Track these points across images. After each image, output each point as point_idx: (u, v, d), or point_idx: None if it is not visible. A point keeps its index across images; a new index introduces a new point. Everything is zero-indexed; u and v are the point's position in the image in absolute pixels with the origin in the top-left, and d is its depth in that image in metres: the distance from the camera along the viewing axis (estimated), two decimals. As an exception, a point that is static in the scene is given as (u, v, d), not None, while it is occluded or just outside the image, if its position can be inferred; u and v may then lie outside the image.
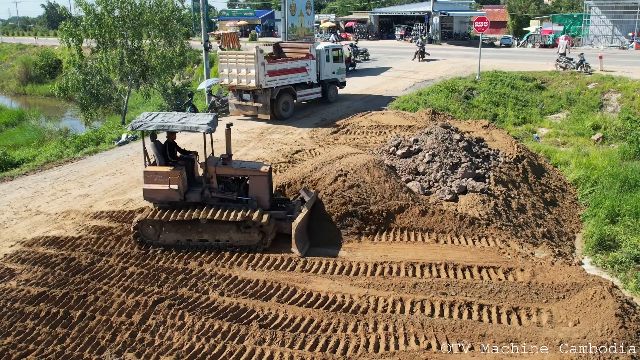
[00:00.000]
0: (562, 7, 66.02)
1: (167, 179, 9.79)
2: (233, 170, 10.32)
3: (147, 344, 7.17)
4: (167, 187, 9.81)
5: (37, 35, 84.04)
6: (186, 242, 9.93)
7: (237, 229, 9.79)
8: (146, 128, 9.76)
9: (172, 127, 9.75)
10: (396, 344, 7.04)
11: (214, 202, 10.08)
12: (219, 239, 9.89)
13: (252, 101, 19.96)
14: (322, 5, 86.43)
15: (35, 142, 22.86)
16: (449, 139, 13.51)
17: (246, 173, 10.36)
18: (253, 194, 10.26)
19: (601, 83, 25.02)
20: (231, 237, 9.84)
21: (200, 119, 9.98)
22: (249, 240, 9.83)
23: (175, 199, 9.90)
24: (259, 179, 10.26)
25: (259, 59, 18.81)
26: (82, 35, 24.00)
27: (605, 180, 14.81)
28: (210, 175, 10.12)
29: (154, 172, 9.89)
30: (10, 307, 8.09)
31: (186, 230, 9.88)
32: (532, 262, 9.18)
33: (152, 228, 9.92)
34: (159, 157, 10.16)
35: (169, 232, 9.91)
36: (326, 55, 22.17)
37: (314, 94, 22.04)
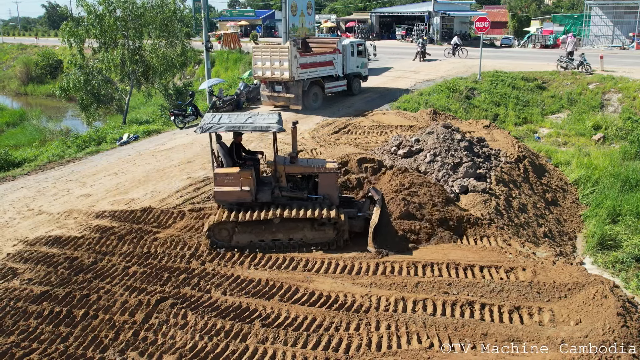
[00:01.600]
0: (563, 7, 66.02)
1: (239, 181, 9.74)
2: (302, 168, 10.27)
3: (150, 342, 7.19)
4: (239, 189, 9.76)
5: (37, 36, 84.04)
6: (259, 242, 9.86)
7: (311, 227, 9.77)
8: (216, 130, 9.69)
9: (243, 128, 9.72)
10: (398, 342, 7.06)
11: (284, 201, 10.02)
12: (293, 238, 9.85)
13: (284, 92, 21.20)
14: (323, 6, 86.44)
15: (37, 142, 22.86)
16: (450, 139, 13.53)
17: (315, 171, 10.28)
18: (323, 191, 10.19)
19: (602, 83, 25.02)
20: (305, 236, 9.83)
21: (266, 118, 9.95)
22: (324, 237, 9.82)
23: (247, 200, 9.85)
24: (329, 176, 10.20)
25: (293, 52, 19.96)
26: (84, 36, 24.01)
27: (606, 180, 14.82)
28: (280, 175, 10.07)
29: (225, 174, 9.81)
30: (14, 306, 8.12)
31: (260, 230, 9.82)
32: (533, 261, 9.20)
33: (225, 230, 9.85)
34: (226, 158, 10.09)
35: (242, 233, 9.83)
36: (351, 50, 23.33)
37: (340, 86, 23.35)
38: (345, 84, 23.58)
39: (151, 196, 12.78)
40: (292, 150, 10.29)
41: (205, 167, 14.74)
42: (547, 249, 10.35)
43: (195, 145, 17.48)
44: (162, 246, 10.00)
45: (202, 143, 17.65)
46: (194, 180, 13.66)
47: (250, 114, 10.25)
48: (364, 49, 24.43)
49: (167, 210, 11.60)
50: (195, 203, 12.18)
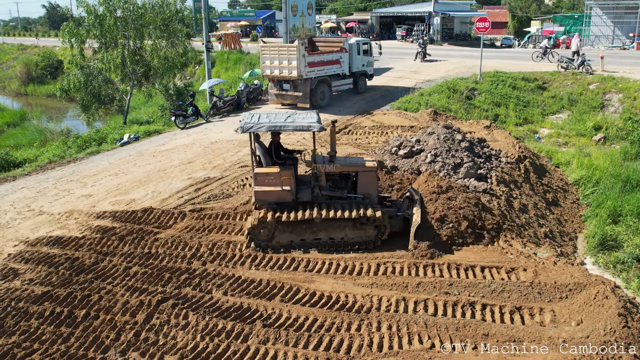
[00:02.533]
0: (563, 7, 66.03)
1: (279, 180, 9.72)
2: (342, 167, 10.23)
3: (152, 343, 7.19)
4: (280, 188, 9.74)
5: (38, 36, 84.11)
6: (300, 242, 9.86)
7: (352, 226, 9.76)
8: (257, 129, 9.64)
9: (284, 128, 9.68)
10: (400, 343, 7.06)
11: (323, 200, 10.00)
12: (334, 237, 9.83)
13: (292, 91, 21.54)
14: (323, 6, 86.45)
15: (38, 143, 22.83)
16: (451, 139, 13.52)
17: (355, 169, 10.25)
18: (362, 190, 10.16)
19: (602, 83, 25.02)
20: (346, 235, 9.82)
21: (305, 117, 9.93)
22: (365, 236, 9.82)
23: (287, 199, 9.84)
24: (369, 174, 10.18)
25: (301, 51, 20.28)
26: (84, 36, 24.01)
27: (607, 181, 14.81)
28: (320, 174, 10.04)
29: (265, 174, 9.78)
30: (15, 306, 8.12)
31: (301, 230, 9.81)
32: (534, 261, 9.20)
33: (266, 230, 9.82)
34: (266, 157, 10.06)
35: (283, 233, 9.83)
36: (357, 49, 23.66)
37: (346, 84, 23.75)
38: (351, 82, 23.90)
39: (152, 196, 12.78)
40: (331, 149, 10.22)
41: (206, 168, 14.75)
42: (548, 250, 10.34)
43: (196, 145, 17.49)
44: (163, 247, 10.00)
45: (202, 143, 17.66)
46: (195, 181, 13.67)
47: (289, 113, 10.24)
48: (369, 47, 24.71)
49: (168, 211, 11.60)
50: (196, 203, 12.18)
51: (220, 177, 13.89)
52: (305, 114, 10.21)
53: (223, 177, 13.88)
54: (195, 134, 19.46)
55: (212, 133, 19.28)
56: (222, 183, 13.44)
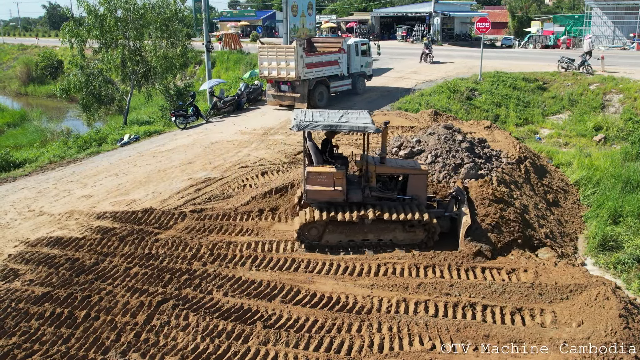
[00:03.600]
0: (563, 7, 66.00)
1: (332, 180, 9.67)
2: (393, 169, 10.21)
3: (152, 344, 7.18)
4: (332, 188, 9.69)
5: (38, 36, 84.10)
6: (348, 242, 9.83)
7: (402, 229, 9.74)
8: (313, 128, 9.58)
9: (340, 128, 9.62)
10: (400, 344, 7.06)
11: (373, 201, 9.96)
12: (382, 239, 9.81)
13: (290, 92, 21.50)
14: (324, 6, 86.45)
15: (38, 143, 22.83)
16: (452, 140, 13.51)
17: (406, 172, 10.21)
18: (412, 192, 10.12)
19: (603, 84, 25.02)
20: (395, 237, 9.80)
21: (359, 117, 9.90)
22: (414, 239, 9.80)
23: (339, 199, 9.79)
24: (420, 177, 10.14)
25: (299, 52, 20.24)
26: (85, 36, 24.01)
27: (608, 181, 14.80)
28: (371, 175, 9.99)
29: (318, 173, 9.73)
30: (15, 307, 8.11)
31: (350, 230, 9.78)
32: (535, 262, 9.19)
33: (315, 230, 9.80)
34: (317, 156, 10.02)
35: (333, 233, 9.80)
36: (355, 50, 23.64)
37: (344, 85, 23.67)
38: (350, 83, 23.83)
39: (152, 197, 12.78)
40: (382, 151, 10.19)
41: (206, 168, 14.74)
42: (548, 250, 10.33)
43: (196, 145, 17.48)
44: (164, 247, 9.99)
45: (202, 144, 17.66)
46: (195, 181, 13.66)
47: (342, 113, 10.20)
48: (368, 48, 24.67)
49: (168, 211, 11.59)
50: (197, 204, 12.17)
51: (220, 177, 13.88)
52: (357, 113, 10.18)
53: (223, 177, 13.87)
54: (195, 134, 19.45)
55: (213, 133, 19.28)
56: (223, 184, 13.43)
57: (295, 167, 14.06)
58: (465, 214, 9.84)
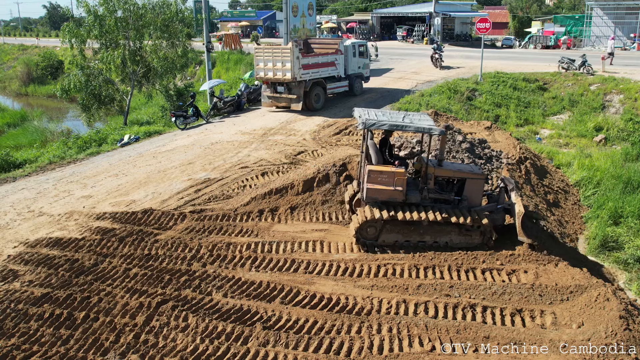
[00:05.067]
0: (564, 8, 65.97)
1: (393, 180, 9.65)
2: (451, 172, 10.18)
3: (151, 345, 7.17)
4: (392, 188, 9.67)
5: (38, 36, 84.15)
6: (405, 242, 9.84)
7: (458, 232, 9.74)
8: (379, 127, 9.61)
9: (405, 128, 9.63)
10: (400, 345, 7.04)
11: (430, 203, 9.98)
12: (438, 241, 9.81)
13: (286, 93, 21.30)
14: (324, 6, 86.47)
15: (38, 143, 22.82)
16: (452, 140, 13.51)
17: (464, 176, 10.17)
18: (469, 195, 10.08)
19: (603, 84, 25.00)
20: (451, 239, 9.79)
21: (421, 119, 9.94)
22: (469, 242, 9.78)
23: (398, 199, 9.77)
24: (477, 182, 10.11)
25: (295, 53, 20.06)
26: (85, 36, 24.01)
27: (608, 182, 14.80)
28: (430, 177, 9.97)
29: (379, 172, 9.71)
30: (14, 308, 8.09)
31: (408, 231, 9.78)
32: (535, 263, 9.16)
33: (373, 228, 9.80)
34: (377, 155, 10.01)
35: (390, 232, 9.80)
36: (353, 51, 23.46)
37: (342, 87, 23.48)
38: (347, 85, 23.65)
39: (152, 197, 12.76)
40: (440, 154, 10.19)
41: (206, 169, 14.73)
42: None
43: (196, 146, 17.47)
44: (163, 248, 9.97)
45: (202, 144, 17.64)
46: (195, 182, 13.64)
47: (403, 114, 10.22)
48: (365, 49, 24.52)
49: (168, 212, 11.57)
50: (196, 205, 12.15)
51: (220, 178, 13.86)
52: (419, 115, 10.23)
53: (223, 178, 13.85)
54: (195, 134, 19.44)
55: (213, 134, 19.27)
56: (223, 184, 13.41)
57: (296, 167, 14.05)
58: (515, 202, 9.81)
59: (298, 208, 11.57)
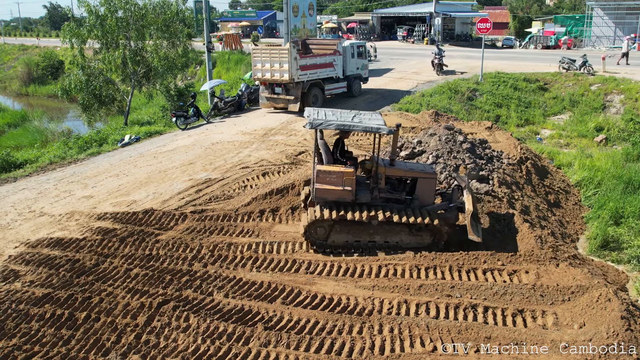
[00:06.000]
0: (564, 8, 65.94)
1: (342, 180, 9.55)
2: (402, 171, 10.11)
3: (152, 345, 7.16)
4: (341, 188, 9.58)
5: (39, 36, 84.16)
6: (355, 243, 9.79)
7: (409, 232, 9.68)
8: (326, 127, 9.50)
9: (353, 127, 9.53)
10: (401, 346, 7.03)
11: (381, 202, 9.90)
12: (389, 241, 9.76)
13: (284, 94, 21.17)
14: (324, 7, 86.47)
15: (38, 143, 22.82)
16: (453, 141, 13.50)
17: (415, 175, 10.11)
18: (421, 195, 10.00)
19: (604, 84, 24.99)
20: (402, 239, 9.73)
21: (372, 119, 9.85)
22: (420, 242, 9.72)
23: (347, 199, 9.69)
24: (429, 181, 10.03)
25: (292, 54, 19.98)
26: (85, 36, 24.02)
27: (609, 182, 14.79)
28: (381, 177, 9.90)
29: (328, 172, 9.62)
30: (15, 308, 8.09)
31: (357, 231, 9.72)
32: (536, 263, 9.15)
33: (322, 229, 9.75)
34: (328, 155, 9.95)
35: (339, 232, 9.75)
36: (351, 52, 23.34)
37: (340, 88, 23.37)
38: (345, 86, 23.54)
39: (153, 198, 12.77)
40: (392, 153, 10.15)
41: (207, 169, 14.73)
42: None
43: (197, 146, 17.47)
44: (164, 248, 9.96)
45: (203, 144, 17.64)
46: (196, 182, 13.65)
47: (354, 113, 10.13)
48: (364, 50, 24.45)
49: (169, 212, 11.57)
50: (197, 205, 12.15)
51: (221, 178, 13.87)
52: (370, 115, 10.12)
53: (224, 178, 13.85)
54: (196, 134, 19.44)
55: (213, 134, 19.27)
56: (223, 184, 13.42)
57: (297, 167, 14.05)
58: (465, 201, 9.75)
59: (299, 208, 11.56)
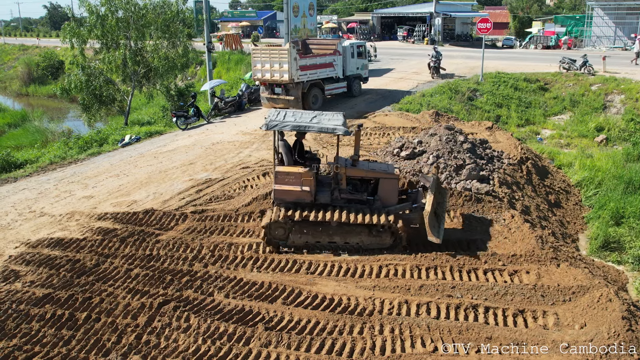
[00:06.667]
0: (564, 8, 65.91)
1: (300, 180, 9.58)
2: (364, 172, 10.07)
3: (153, 346, 7.16)
4: (299, 189, 9.60)
5: (39, 36, 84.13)
6: (315, 243, 9.76)
7: (368, 233, 9.62)
8: (282, 128, 9.54)
9: (309, 128, 9.53)
10: (402, 346, 7.03)
11: (342, 203, 9.85)
12: (349, 242, 9.71)
13: (284, 94, 21.18)
14: (324, 7, 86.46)
15: (39, 143, 22.82)
16: (453, 141, 13.49)
17: (377, 175, 10.07)
18: (383, 196, 9.96)
19: (604, 84, 24.97)
20: (362, 241, 9.68)
21: (331, 119, 9.79)
22: (380, 243, 9.66)
23: (306, 200, 9.68)
24: (390, 182, 9.98)
25: (292, 54, 19.96)
26: (86, 36, 24.01)
27: (609, 182, 14.78)
28: (341, 177, 9.87)
29: (286, 173, 9.65)
30: (16, 308, 8.09)
31: (316, 232, 9.69)
32: (537, 264, 9.14)
33: (282, 229, 9.75)
34: (288, 156, 9.98)
35: (298, 233, 9.74)
36: (351, 52, 23.28)
37: (340, 88, 23.34)
38: (345, 86, 23.53)
39: (153, 198, 12.76)
40: (355, 153, 10.13)
41: (207, 169, 14.72)
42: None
43: (197, 146, 17.47)
44: (165, 248, 9.97)
45: (203, 144, 17.64)
46: (196, 182, 13.64)
47: (315, 114, 10.13)
48: (364, 50, 24.43)
49: (170, 212, 11.57)
50: (198, 205, 12.15)
51: (221, 178, 13.86)
52: (331, 115, 10.08)
53: (224, 178, 13.85)
54: (196, 134, 19.44)
55: (214, 134, 19.26)
56: (224, 184, 13.41)
57: (297, 168, 14.02)
58: (427, 202, 9.63)
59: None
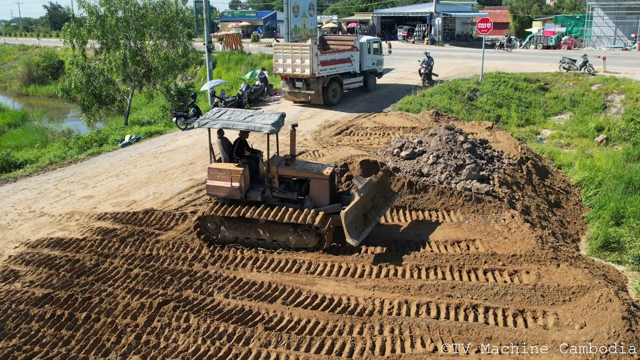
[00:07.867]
0: (565, 8, 65.88)
1: (230, 177, 9.83)
2: (295, 171, 10.17)
3: (153, 346, 7.16)
4: (229, 185, 9.85)
5: (39, 36, 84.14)
6: (244, 240, 9.93)
7: (294, 232, 9.66)
8: (212, 125, 9.85)
9: (236, 126, 9.73)
10: (402, 346, 7.02)
11: (274, 202, 9.99)
12: (277, 240, 9.79)
13: (305, 89, 22.01)
14: (325, 7, 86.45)
15: (39, 143, 22.81)
16: (453, 141, 13.48)
17: (308, 175, 10.13)
18: (313, 196, 10.05)
19: (605, 84, 24.96)
20: (289, 239, 9.74)
21: (265, 118, 9.88)
22: (305, 243, 9.70)
23: (236, 196, 9.90)
24: (321, 182, 10.04)
25: (314, 50, 20.62)
26: (86, 37, 24.01)
27: (610, 182, 14.77)
28: (272, 176, 10.04)
29: (218, 169, 9.94)
30: (15, 308, 8.09)
31: (245, 228, 9.85)
32: (537, 264, 9.14)
33: (213, 224, 9.97)
34: (224, 154, 10.22)
35: (228, 229, 9.92)
36: (367, 48, 24.06)
37: (357, 82, 24.16)
38: (362, 80, 24.32)
39: (153, 198, 12.76)
40: (290, 153, 10.23)
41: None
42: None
43: (197, 146, 17.46)
44: (164, 248, 9.96)
45: (203, 144, 17.62)
46: (196, 182, 13.64)
47: (253, 113, 10.21)
48: (379, 46, 25.12)
49: (169, 212, 11.57)
50: (197, 205, 12.14)
51: (221, 178, 13.83)
52: (268, 115, 10.12)
53: (224, 178, 13.82)
54: (196, 135, 19.42)
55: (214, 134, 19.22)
56: (224, 184, 13.39)
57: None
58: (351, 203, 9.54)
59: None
